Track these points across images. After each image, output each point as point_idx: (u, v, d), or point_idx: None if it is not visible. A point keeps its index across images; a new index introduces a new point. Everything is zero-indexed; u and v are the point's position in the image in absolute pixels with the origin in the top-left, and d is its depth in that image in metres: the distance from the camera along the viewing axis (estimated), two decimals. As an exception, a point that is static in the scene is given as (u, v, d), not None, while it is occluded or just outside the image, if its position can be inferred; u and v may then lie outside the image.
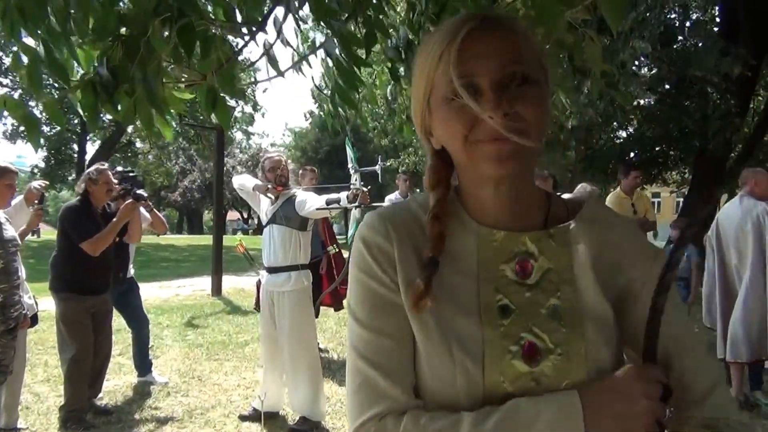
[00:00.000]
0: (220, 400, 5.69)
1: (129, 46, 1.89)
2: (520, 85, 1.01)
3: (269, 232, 5.11)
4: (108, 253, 5.22)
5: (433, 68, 1.05)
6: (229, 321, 9.59)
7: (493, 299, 1.09)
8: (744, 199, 5.39)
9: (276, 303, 5.05)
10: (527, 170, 1.14)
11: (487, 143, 1.02)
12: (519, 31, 1.04)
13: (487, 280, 1.10)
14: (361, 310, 1.12)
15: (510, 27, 1.04)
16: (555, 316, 1.07)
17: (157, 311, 10.33)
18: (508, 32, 1.03)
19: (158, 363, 6.91)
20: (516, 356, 1.04)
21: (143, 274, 14.98)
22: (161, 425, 5.11)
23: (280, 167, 5.14)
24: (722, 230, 5.48)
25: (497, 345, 1.05)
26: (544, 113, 1.05)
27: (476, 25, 1.02)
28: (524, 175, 1.13)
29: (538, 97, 1.03)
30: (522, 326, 1.06)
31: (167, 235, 42.59)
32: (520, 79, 1.01)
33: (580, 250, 1.11)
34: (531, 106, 1.01)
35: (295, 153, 41.22)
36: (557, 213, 1.17)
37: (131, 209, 5.23)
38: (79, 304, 5.04)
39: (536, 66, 1.04)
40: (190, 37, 1.85)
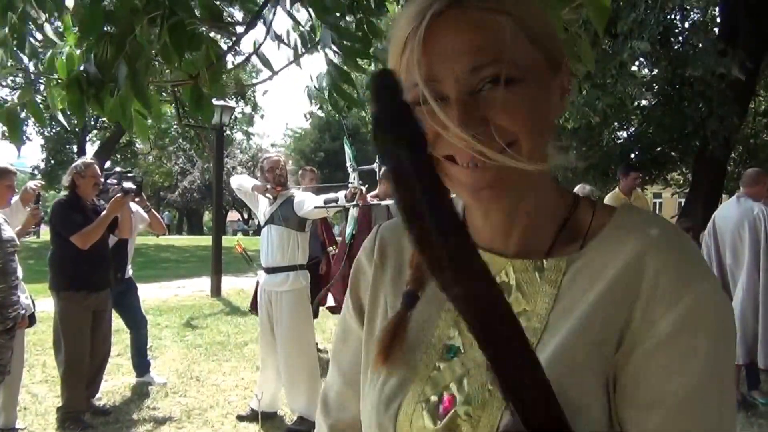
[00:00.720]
0: (218, 401, 5.70)
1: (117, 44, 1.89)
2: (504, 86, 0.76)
3: (267, 233, 5.12)
4: (104, 248, 5.23)
5: (397, 61, 0.81)
6: (228, 322, 9.60)
7: (446, 335, 0.89)
8: (742, 200, 5.39)
9: (274, 303, 5.05)
10: (526, 188, 0.84)
11: (460, 169, 0.79)
12: (504, 9, 0.77)
13: (450, 311, 0.89)
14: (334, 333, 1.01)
15: (490, 7, 0.77)
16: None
17: (156, 312, 10.33)
18: (486, 15, 0.76)
19: (157, 363, 6.91)
20: (430, 409, 0.84)
21: (143, 275, 15.00)
22: (159, 425, 5.12)
23: (279, 167, 5.14)
24: (718, 230, 5.48)
25: (419, 391, 0.86)
26: (538, 119, 0.79)
27: (443, 7, 0.76)
28: (521, 194, 0.84)
29: (529, 100, 0.77)
30: (454, 375, 0.85)
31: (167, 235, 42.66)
32: (491, 79, 0.76)
33: (572, 292, 0.82)
34: (516, 115, 0.76)
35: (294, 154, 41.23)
36: (575, 233, 0.87)
37: (120, 203, 5.21)
38: (79, 304, 5.04)
39: (529, 56, 0.78)
40: (180, 36, 1.85)
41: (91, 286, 5.12)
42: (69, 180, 5.19)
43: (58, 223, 5.04)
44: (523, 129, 0.77)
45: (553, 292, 0.83)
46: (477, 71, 0.75)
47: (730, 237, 5.34)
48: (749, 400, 5.54)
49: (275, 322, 5.03)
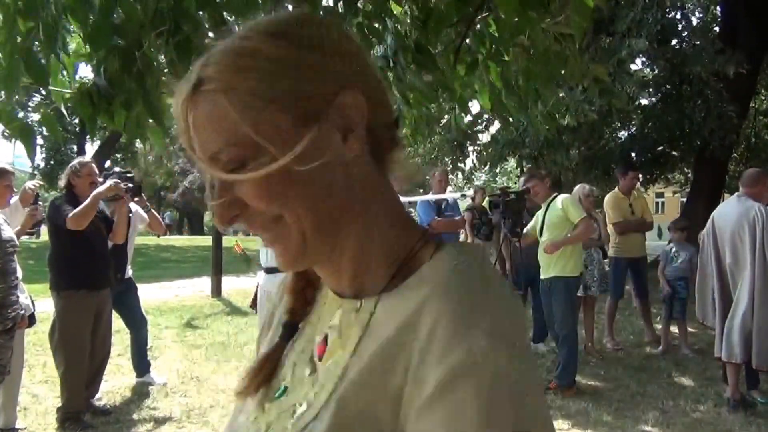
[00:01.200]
0: (218, 401, 5.71)
1: (125, 58, 1.91)
2: (235, 169, 0.72)
3: None
4: (104, 248, 5.24)
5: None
6: (228, 322, 9.60)
7: (286, 373, 0.86)
8: (742, 199, 5.38)
9: None
10: (332, 244, 0.78)
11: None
12: (223, 89, 0.72)
13: (298, 352, 0.86)
14: None
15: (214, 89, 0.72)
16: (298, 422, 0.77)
17: (156, 312, 10.33)
18: (214, 99, 0.72)
19: (157, 364, 6.92)
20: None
21: (144, 275, 15.00)
22: (159, 425, 5.13)
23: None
24: (717, 229, 5.48)
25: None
26: (298, 187, 0.73)
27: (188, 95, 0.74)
28: (332, 249, 0.79)
29: (277, 176, 0.71)
30: (269, 418, 0.82)
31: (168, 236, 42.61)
32: (234, 163, 0.72)
33: (371, 336, 0.75)
34: (263, 195, 0.73)
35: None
36: (409, 273, 0.78)
37: (113, 189, 5.18)
38: (79, 304, 5.05)
39: (266, 126, 0.71)
40: (186, 50, 1.86)
41: (92, 286, 5.13)
42: (66, 180, 5.21)
43: (54, 215, 5.02)
44: (281, 204, 0.73)
45: (359, 333, 0.77)
46: (215, 160, 0.73)
47: (730, 236, 5.34)
48: (749, 399, 5.55)
49: (274, 322, 5.03)
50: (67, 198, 5.13)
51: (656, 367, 6.92)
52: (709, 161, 13.38)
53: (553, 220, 6.13)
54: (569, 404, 5.63)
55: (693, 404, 5.67)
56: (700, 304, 5.73)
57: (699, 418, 5.31)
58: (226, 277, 13.35)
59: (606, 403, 5.70)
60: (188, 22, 1.86)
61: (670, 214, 33.38)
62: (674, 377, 6.56)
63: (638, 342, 8.19)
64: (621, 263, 7.87)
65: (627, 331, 8.87)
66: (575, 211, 6.06)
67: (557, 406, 5.59)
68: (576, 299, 6.52)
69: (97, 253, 5.16)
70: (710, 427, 5.08)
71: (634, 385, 6.24)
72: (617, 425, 5.12)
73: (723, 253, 5.42)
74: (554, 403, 5.69)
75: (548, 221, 6.18)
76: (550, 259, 6.13)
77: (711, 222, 5.60)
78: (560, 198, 6.22)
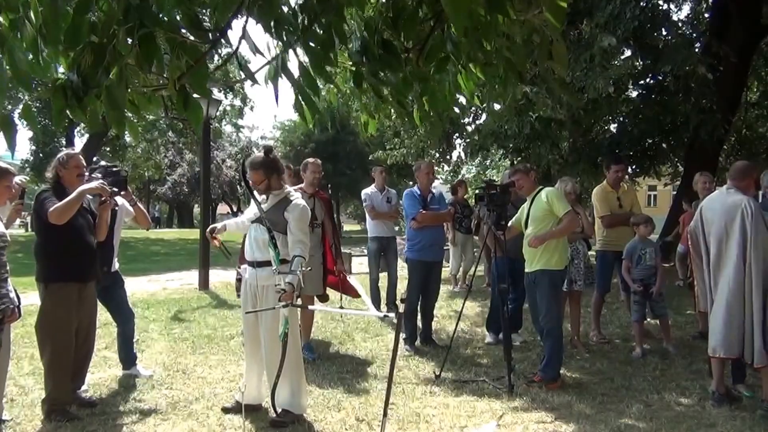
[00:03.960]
0: (204, 393, 5.73)
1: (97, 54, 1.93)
2: None
3: (254, 230, 5.11)
4: (91, 240, 5.23)
5: None
6: (215, 315, 9.61)
7: None
8: (731, 192, 5.38)
9: (259, 297, 5.08)
10: None
11: None
12: None
13: None
14: None
15: None
16: None
17: (144, 305, 10.34)
18: None
19: (144, 356, 6.93)
20: None
21: (133, 268, 15.02)
22: (145, 417, 5.13)
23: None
24: (705, 221, 5.48)
25: None
26: None
27: None
28: None
29: None
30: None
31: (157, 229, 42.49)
32: None
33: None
34: None
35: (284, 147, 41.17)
36: None
37: (98, 189, 5.17)
38: (66, 296, 5.03)
39: None
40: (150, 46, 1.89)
41: (78, 279, 5.13)
42: (53, 172, 5.20)
43: (39, 207, 4.99)
44: None
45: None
46: None
47: (716, 229, 5.34)
48: (734, 393, 5.58)
49: (260, 316, 5.06)
50: (54, 190, 5.12)
51: (642, 361, 6.96)
52: (699, 154, 13.41)
53: (538, 213, 6.15)
54: (553, 397, 5.66)
55: (678, 398, 5.71)
56: (702, 294, 5.67)
57: (683, 412, 5.33)
58: (213, 271, 13.37)
59: (590, 396, 5.74)
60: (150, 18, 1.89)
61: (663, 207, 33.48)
62: (659, 371, 6.58)
63: (625, 335, 8.23)
64: (608, 256, 7.90)
65: (613, 324, 8.91)
66: (560, 204, 6.09)
67: (541, 399, 5.63)
68: (561, 293, 6.56)
69: (83, 246, 5.15)
70: (694, 420, 5.10)
71: (619, 379, 6.27)
72: (600, 418, 5.15)
73: (708, 244, 5.43)
74: (538, 395, 5.72)
75: (533, 215, 6.20)
76: (535, 253, 6.15)
77: (699, 214, 5.59)
78: (545, 191, 6.24)
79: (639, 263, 7.30)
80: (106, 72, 1.93)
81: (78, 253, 5.10)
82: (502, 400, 5.62)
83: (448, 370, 6.52)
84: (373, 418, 5.11)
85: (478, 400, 5.62)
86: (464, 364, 6.91)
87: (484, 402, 5.57)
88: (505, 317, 6.32)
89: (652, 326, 7.90)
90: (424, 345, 7.66)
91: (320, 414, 5.23)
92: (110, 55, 1.92)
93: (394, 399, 5.19)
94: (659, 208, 34.64)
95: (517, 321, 7.92)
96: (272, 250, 4.83)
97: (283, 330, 4.78)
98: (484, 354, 7.47)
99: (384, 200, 9.48)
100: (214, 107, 13.20)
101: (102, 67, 1.92)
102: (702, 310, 5.87)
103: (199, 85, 2.19)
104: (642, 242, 7.39)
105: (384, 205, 9.47)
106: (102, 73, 1.93)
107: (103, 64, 1.92)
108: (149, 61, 1.95)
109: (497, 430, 4.89)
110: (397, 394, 5.63)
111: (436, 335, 8.01)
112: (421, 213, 7.55)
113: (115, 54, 1.93)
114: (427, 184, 7.81)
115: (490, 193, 6.44)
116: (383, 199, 9.47)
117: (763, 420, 5.04)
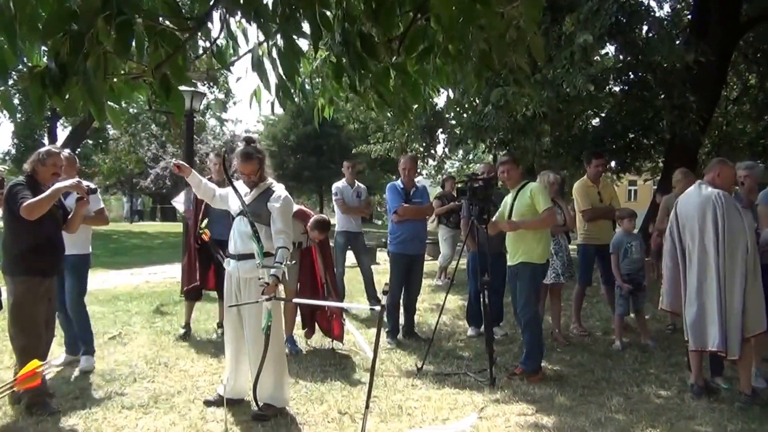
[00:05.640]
0: (185, 386, 5.72)
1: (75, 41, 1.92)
2: None
3: (238, 223, 5.10)
4: (58, 234, 5.19)
5: None
6: (197, 308, 9.51)
7: None
8: (703, 187, 5.46)
9: (243, 289, 5.07)
10: None
11: None
12: None
13: None
14: None
15: None
16: None
17: (126, 298, 10.31)
18: None
19: (126, 349, 6.92)
20: None
21: (115, 261, 14.94)
22: (126, 410, 5.11)
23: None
24: (681, 218, 5.55)
25: None
26: None
27: None
28: None
29: None
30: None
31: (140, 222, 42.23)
32: None
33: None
34: None
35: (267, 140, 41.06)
36: None
37: (74, 186, 5.12)
38: (34, 290, 4.99)
39: None
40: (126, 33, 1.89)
41: (44, 273, 5.09)
42: (30, 166, 5.16)
43: (10, 199, 4.94)
44: None
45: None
46: None
47: (691, 224, 5.41)
48: (712, 385, 5.64)
49: (242, 309, 5.05)
50: (28, 182, 5.07)
51: (621, 354, 7.03)
52: (680, 149, 13.49)
53: (522, 208, 6.19)
54: (534, 389, 5.70)
55: (657, 390, 5.77)
56: (671, 293, 5.76)
57: (662, 404, 5.39)
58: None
59: (571, 388, 5.78)
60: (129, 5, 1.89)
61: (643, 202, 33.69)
62: (639, 363, 6.65)
63: (605, 328, 8.30)
64: (589, 250, 7.96)
65: (594, 318, 8.98)
66: (543, 199, 6.13)
67: (522, 391, 5.67)
68: (541, 286, 6.61)
69: (50, 242, 5.11)
70: (673, 413, 5.16)
71: (600, 371, 6.32)
72: (581, 411, 5.19)
73: (685, 241, 5.50)
74: (519, 388, 5.76)
75: (517, 208, 6.24)
76: (518, 246, 6.20)
77: (674, 213, 5.66)
78: (530, 186, 6.29)
79: (626, 256, 7.37)
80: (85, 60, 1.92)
81: (44, 249, 5.06)
82: (484, 392, 5.65)
83: (430, 363, 6.55)
84: (355, 411, 5.12)
85: (460, 393, 5.65)
86: (446, 357, 6.94)
87: (465, 395, 5.60)
88: (487, 311, 6.35)
89: (631, 320, 7.96)
90: (406, 338, 7.69)
91: (302, 407, 5.24)
92: (89, 43, 1.91)
93: (376, 392, 5.21)
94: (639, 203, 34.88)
95: (498, 314, 7.96)
96: (255, 243, 4.83)
97: (266, 323, 4.78)
98: (465, 347, 7.51)
99: (354, 195, 9.57)
100: (198, 100, 13.13)
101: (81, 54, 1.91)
102: (665, 308, 5.91)
103: (178, 74, 2.19)
104: (628, 236, 7.46)
105: (354, 199, 9.57)
106: (81, 60, 1.92)
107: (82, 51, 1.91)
108: (126, 48, 1.95)
109: (478, 422, 4.92)
110: (379, 387, 5.65)
111: (418, 328, 8.04)
112: (402, 206, 7.57)
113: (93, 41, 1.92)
114: (410, 177, 7.84)
115: (473, 187, 6.45)
116: (353, 193, 9.56)
117: (741, 412, 5.11)
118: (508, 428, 4.84)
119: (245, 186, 5.16)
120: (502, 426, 4.87)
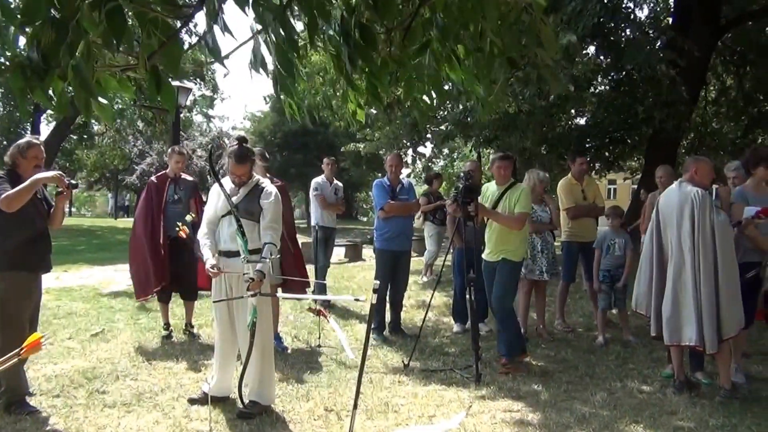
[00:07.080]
0: (169, 384, 5.67)
1: (59, 29, 1.86)
2: None
3: (228, 222, 5.03)
4: (44, 228, 5.12)
5: None
6: (181, 305, 9.48)
7: None
8: (683, 185, 5.51)
9: (234, 286, 5.03)
10: None
11: None
12: None
13: None
14: None
15: None
16: None
17: (110, 295, 10.24)
18: None
19: (109, 347, 6.87)
20: None
21: (99, 257, 14.85)
22: (109, 409, 5.04)
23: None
24: (661, 216, 5.60)
25: None
26: None
27: None
28: None
29: None
30: None
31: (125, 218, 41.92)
32: None
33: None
34: None
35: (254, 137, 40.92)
36: None
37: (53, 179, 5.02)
38: (21, 286, 4.91)
39: None
40: (118, 20, 1.83)
41: (30, 268, 5.00)
42: (10, 158, 5.06)
43: None
44: None
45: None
46: None
47: (671, 221, 5.47)
48: (693, 380, 5.69)
49: (232, 306, 5.03)
50: (8, 174, 4.98)
51: (604, 349, 7.08)
52: (661, 148, 13.58)
53: (510, 206, 6.33)
54: (520, 386, 5.72)
55: (639, 385, 5.81)
56: (637, 293, 5.82)
57: (645, 399, 5.43)
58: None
59: (555, 384, 5.81)
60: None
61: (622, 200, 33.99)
62: (621, 359, 6.70)
63: (588, 325, 8.35)
64: (573, 247, 8.04)
65: (577, 314, 9.03)
66: (524, 204, 6.36)
67: (508, 388, 5.68)
68: (517, 282, 6.71)
69: (38, 237, 5.05)
70: (656, 408, 5.19)
71: (583, 367, 6.36)
72: (565, 406, 5.21)
73: (666, 239, 5.54)
74: (505, 384, 5.77)
75: (503, 205, 6.37)
76: (497, 243, 6.36)
77: (655, 212, 5.71)
78: (520, 187, 6.50)
79: (608, 253, 7.45)
80: (70, 50, 1.86)
81: (33, 244, 4.99)
82: (470, 389, 5.66)
83: (416, 359, 6.55)
84: (342, 408, 5.11)
85: (446, 390, 5.65)
86: (432, 353, 6.95)
87: (452, 391, 5.60)
88: (473, 307, 6.36)
89: (613, 315, 8.01)
90: (392, 335, 7.70)
91: (288, 404, 5.22)
92: (74, 32, 1.85)
93: (362, 388, 5.19)
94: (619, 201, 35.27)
95: (484, 310, 7.97)
96: (240, 239, 4.81)
97: (251, 319, 4.76)
98: (451, 343, 7.52)
99: (332, 191, 9.71)
100: (184, 96, 13.04)
101: (65, 44, 1.85)
102: (637, 310, 5.92)
103: (172, 64, 2.13)
104: (614, 233, 7.52)
105: (332, 196, 9.73)
106: (65, 51, 1.86)
107: (66, 41, 1.85)
108: (117, 38, 1.88)
109: (464, 419, 4.91)
110: (365, 384, 5.62)
111: (404, 325, 8.04)
112: (389, 203, 7.59)
113: (78, 30, 1.86)
114: (396, 174, 7.87)
115: (467, 184, 6.48)
116: (331, 190, 9.67)
117: (721, 406, 5.16)
118: (494, 425, 4.84)
119: (230, 183, 5.12)
120: (488, 423, 4.88)
